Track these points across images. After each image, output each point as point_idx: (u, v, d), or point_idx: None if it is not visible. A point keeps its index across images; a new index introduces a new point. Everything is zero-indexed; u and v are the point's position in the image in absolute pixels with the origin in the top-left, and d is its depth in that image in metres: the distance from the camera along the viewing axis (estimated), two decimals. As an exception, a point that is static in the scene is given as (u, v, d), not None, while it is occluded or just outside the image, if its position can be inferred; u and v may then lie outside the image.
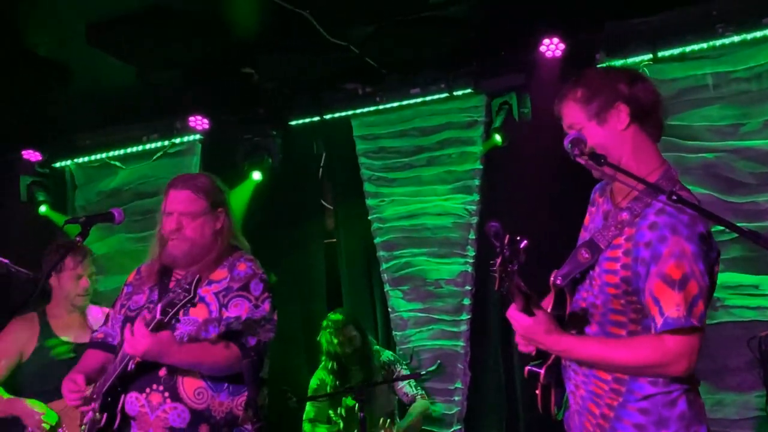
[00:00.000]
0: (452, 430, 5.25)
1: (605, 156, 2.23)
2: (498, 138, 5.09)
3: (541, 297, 2.38)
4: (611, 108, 2.26)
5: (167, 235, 2.87)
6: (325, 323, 5.07)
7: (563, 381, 2.39)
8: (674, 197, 2.09)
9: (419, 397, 5.02)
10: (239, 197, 5.69)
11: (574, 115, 2.30)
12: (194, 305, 2.69)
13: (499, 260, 2.07)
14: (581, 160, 2.27)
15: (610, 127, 2.27)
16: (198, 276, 2.65)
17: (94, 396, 2.77)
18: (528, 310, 2.20)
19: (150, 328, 2.55)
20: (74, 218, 2.86)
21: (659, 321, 2.11)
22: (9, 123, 5.86)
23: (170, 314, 2.56)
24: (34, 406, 3.76)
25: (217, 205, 2.94)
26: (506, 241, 2.06)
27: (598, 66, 2.37)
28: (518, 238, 2.07)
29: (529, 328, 2.20)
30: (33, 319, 4.07)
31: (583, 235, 2.44)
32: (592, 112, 2.27)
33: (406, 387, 5.02)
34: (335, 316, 5.09)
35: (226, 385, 2.77)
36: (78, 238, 2.81)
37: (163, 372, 2.72)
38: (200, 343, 2.72)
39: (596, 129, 2.27)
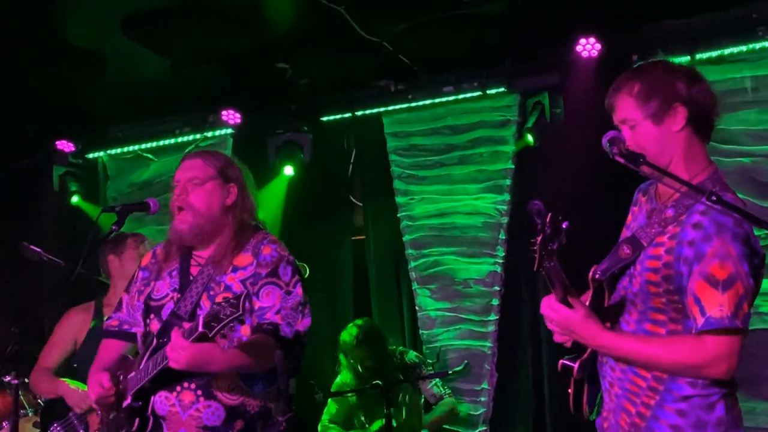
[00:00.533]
0: (478, 431, 5.23)
1: (644, 156, 2.20)
2: (530, 138, 5.04)
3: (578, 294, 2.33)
4: (669, 109, 2.22)
5: (172, 207, 2.77)
6: (340, 340, 5.00)
7: (597, 377, 2.35)
8: (713, 198, 2.04)
9: (446, 396, 4.99)
10: (274, 193, 5.69)
11: (628, 110, 2.25)
12: (242, 323, 2.58)
13: (539, 238, 2.05)
14: (620, 159, 2.23)
15: (665, 127, 2.23)
16: (246, 292, 2.51)
17: (121, 391, 2.68)
18: (566, 302, 2.17)
19: (191, 339, 2.41)
20: (110, 207, 2.83)
21: (700, 321, 2.08)
22: (44, 113, 5.96)
23: (215, 329, 2.38)
24: (76, 386, 3.79)
25: (228, 179, 2.79)
26: (548, 219, 2.03)
27: (655, 60, 2.32)
28: (560, 217, 2.05)
29: (567, 318, 2.18)
30: (89, 308, 4.15)
31: (625, 233, 2.41)
32: (649, 111, 2.22)
33: (434, 388, 4.99)
34: (346, 336, 4.98)
35: (259, 377, 2.68)
36: (114, 227, 2.79)
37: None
38: (242, 347, 2.59)
39: (650, 128, 2.23)
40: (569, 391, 2.38)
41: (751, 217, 2.11)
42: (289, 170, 5.78)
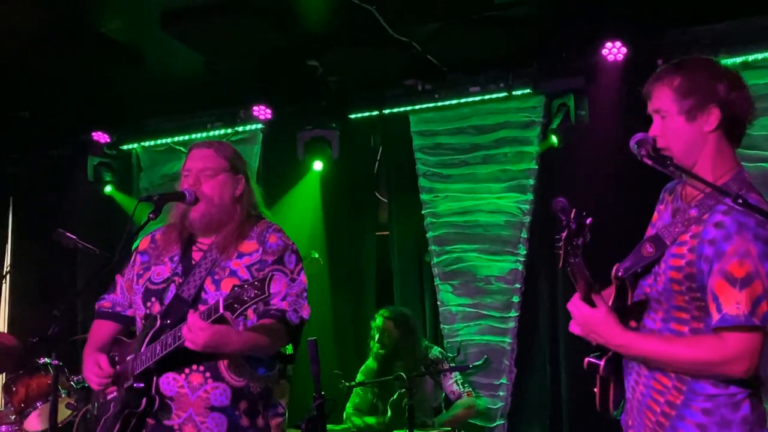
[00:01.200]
0: (496, 424, 5.25)
1: (671, 158, 2.21)
2: (554, 139, 5.06)
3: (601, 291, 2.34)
4: (704, 109, 2.21)
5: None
6: (372, 322, 5.11)
7: (622, 375, 2.35)
8: (740, 200, 2.05)
9: (465, 394, 4.99)
10: (307, 189, 5.76)
11: (665, 101, 2.24)
12: (267, 304, 2.58)
13: (564, 234, 2.06)
14: (648, 161, 2.24)
15: (696, 126, 2.22)
16: (271, 274, 2.48)
17: (119, 372, 2.68)
18: (589, 300, 2.18)
19: (210, 320, 2.43)
20: (148, 196, 2.79)
21: (716, 317, 2.08)
22: (81, 105, 6.01)
23: (239, 311, 2.38)
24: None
25: (237, 171, 2.82)
26: (572, 215, 2.04)
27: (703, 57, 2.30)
28: (584, 213, 2.05)
29: (588, 318, 2.19)
30: None
31: (650, 232, 2.41)
32: (684, 107, 2.21)
33: (454, 384, 5.01)
34: (376, 315, 5.11)
35: (262, 362, 2.73)
36: (151, 215, 2.76)
37: (202, 353, 2.59)
38: (255, 329, 2.63)
39: (682, 124, 2.23)
40: (595, 390, 2.38)
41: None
42: (318, 165, 5.83)
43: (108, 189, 6.48)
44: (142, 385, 2.60)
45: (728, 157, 2.26)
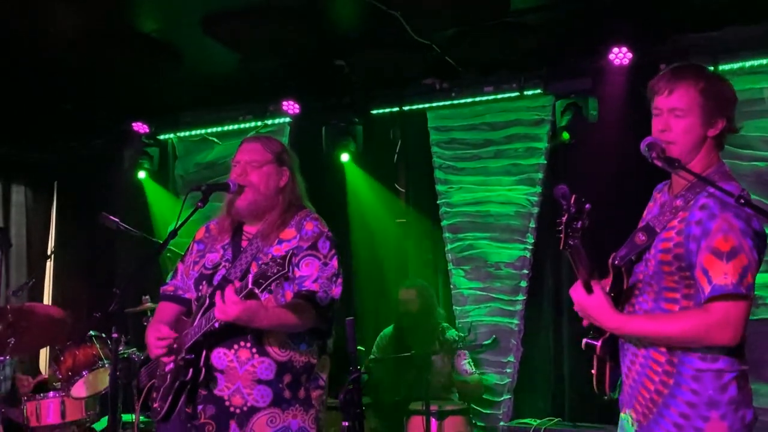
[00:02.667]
0: (503, 398, 5.35)
1: (679, 161, 2.26)
2: (566, 135, 5.13)
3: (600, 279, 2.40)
4: (718, 116, 2.27)
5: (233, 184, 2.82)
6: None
7: (618, 357, 2.39)
8: (742, 201, 2.12)
9: (476, 373, 5.11)
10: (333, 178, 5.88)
11: (687, 101, 2.26)
12: (287, 279, 2.61)
13: (564, 217, 2.12)
14: (658, 163, 2.29)
15: (703, 129, 2.27)
16: (291, 251, 2.60)
17: (176, 347, 2.73)
18: (588, 287, 2.26)
19: (241, 296, 2.49)
20: (197, 186, 2.84)
21: (707, 289, 2.12)
22: (123, 98, 6.12)
23: (264, 285, 2.48)
24: None
25: (282, 163, 2.87)
26: (572, 200, 2.11)
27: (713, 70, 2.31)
28: (583, 199, 2.12)
29: (584, 303, 2.27)
30: None
31: (641, 225, 2.46)
32: (706, 111, 2.25)
33: (467, 365, 5.10)
34: (401, 287, 5.28)
35: (304, 337, 2.78)
36: (199, 204, 2.83)
37: (249, 330, 2.68)
38: (283, 307, 2.69)
39: (695, 125, 2.26)
40: (592, 372, 2.43)
41: (759, 211, 2.17)
42: (345, 157, 5.92)
43: (141, 175, 6.58)
44: (192, 356, 2.68)
45: (715, 155, 2.33)
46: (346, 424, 2.59)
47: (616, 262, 2.37)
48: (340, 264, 2.81)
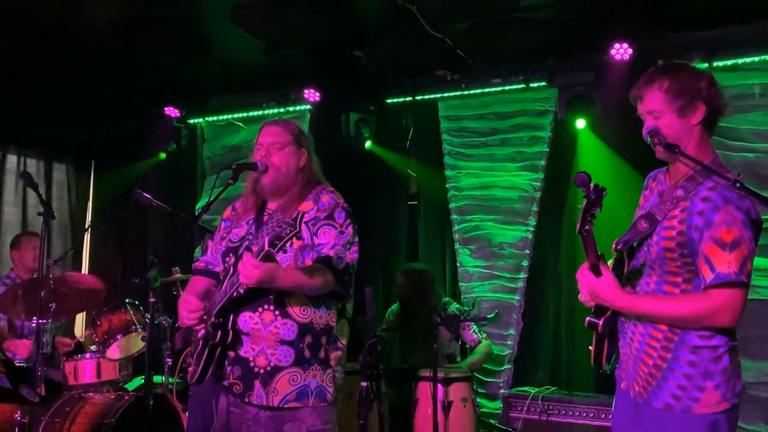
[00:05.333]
0: (504, 368, 5.37)
1: (678, 146, 2.25)
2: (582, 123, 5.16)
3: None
4: (691, 105, 2.25)
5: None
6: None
7: (616, 336, 2.40)
8: (737, 184, 2.13)
9: (483, 339, 5.12)
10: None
11: (657, 103, 2.28)
12: (300, 238, 2.66)
13: (585, 204, 2.12)
14: (660, 148, 2.28)
15: (686, 120, 2.25)
16: (301, 212, 2.61)
17: (205, 316, 2.75)
18: (596, 269, 2.25)
19: (259, 258, 2.48)
20: (228, 165, 2.87)
21: (710, 276, 2.13)
22: (156, 83, 6.11)
23: (278, 246, 2.48)
24: None
25: (301, 145, 2.88)
26: (591, 188, 2.11)
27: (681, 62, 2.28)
28: (600, 186, 2.12)
29: (594, 285, 2.25)
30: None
31: (639, 213, 2.45)
32: (676, 106, 2.25)
33: (473, 333, 5.10)
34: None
35: (323, 300, 2.77)
36: (230, 181, 2.85)
37: (272, 294, 2.69)
38: (301, 269, 2.69)
39: (674, 120, 2.27)
40: (590, 348, 2.44)
41: (756, 195, 2.16)
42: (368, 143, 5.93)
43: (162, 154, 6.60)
44: (220, 320, 2.69)
45: (707, 145, 2.32)
46: (365, 384, 2.59)
47: (619, 247, 2.37)
48: (355, 232, 2.82)
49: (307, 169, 2.90)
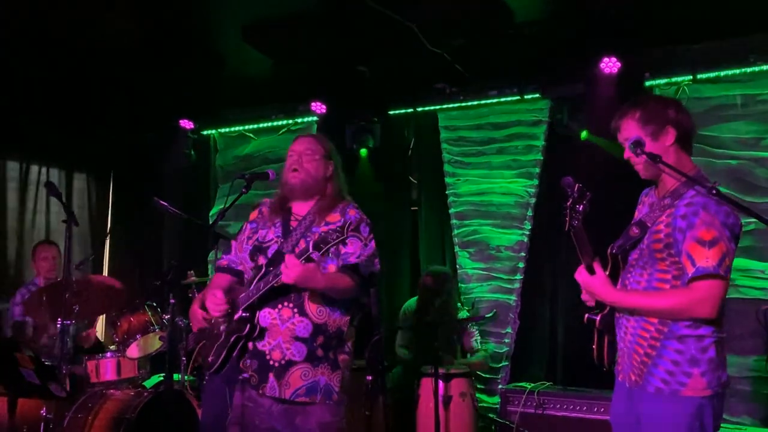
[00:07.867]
0: (501, 365, 5.40)
1: (660, 156, 2.35)
2: (584, 133, 5.19)
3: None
4: (662, 130, 2.39)
5: (288, 169, 2.92)
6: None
7: (614, 329, 2.48)
8: (714, 191, 2.24)
9: (482, 350, 5.14)
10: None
11: (631, 131, 2.42)
12: (345, 244, 2.75)
13: (569, 201, 2.23)
14: (643, 157, 2.38)
15: (660, 143, 2.39)
16: (350, 221, 2.72)
17: (230, 311, 2.80)
18: (590, 269, 2.36)
19: (302, 259, 2.58)
20: (242, 174, 2.95)
21: (691, 270, 2.23)
22: (172, 98, 6.18)
23: (324, 249, 2.58)
24: None
25: (330, 158, 2.97)
26: (576, 188, 2.22)
27: (650, 93, 2.38)
28: (585, 188, 2.23)
29: (589, 283, 2.38)
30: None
31: (634, 221, 2.53)
32: (648, 131, 2.39)
33: (474, 342, 5.12)
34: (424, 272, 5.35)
35: (338, 306, 2.83)
36: (244, 189, 2.96)
37: (293, 292, 2.75)
38: (334, 273, 2.77)
39: (649, 143, 2.40)
40: (593, 347, 2.52)
41: (737, 204, 2.29)
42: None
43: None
44: (248, 314, 2.77)
45: (687, 162, 2.43)
46: (370, 378, 2.63)
47: (614, 251, 2.47)
48: (377, 246, 2.92)
49: (333, 181, 2.98)
